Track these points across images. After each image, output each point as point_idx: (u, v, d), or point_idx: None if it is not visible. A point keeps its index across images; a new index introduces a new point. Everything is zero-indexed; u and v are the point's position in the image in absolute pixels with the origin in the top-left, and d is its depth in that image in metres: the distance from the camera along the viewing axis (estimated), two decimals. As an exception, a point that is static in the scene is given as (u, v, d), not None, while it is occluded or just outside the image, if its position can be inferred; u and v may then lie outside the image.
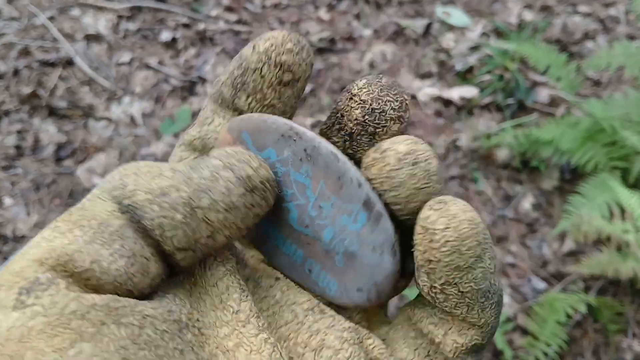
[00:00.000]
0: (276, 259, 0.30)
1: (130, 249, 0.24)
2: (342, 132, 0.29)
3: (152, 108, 1.64)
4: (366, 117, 0.28)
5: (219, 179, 0.26)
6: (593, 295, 1.23)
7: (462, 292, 0.26)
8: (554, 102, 1.60)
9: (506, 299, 1.27)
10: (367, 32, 1.81)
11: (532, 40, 1.67)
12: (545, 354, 1.15)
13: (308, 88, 1.68)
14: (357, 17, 1.85)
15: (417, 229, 0.26)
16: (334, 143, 0.29)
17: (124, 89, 1.68)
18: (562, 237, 1.34)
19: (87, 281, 0.23)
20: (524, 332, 1.22)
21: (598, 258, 1.18)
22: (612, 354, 1.19)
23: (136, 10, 1.86)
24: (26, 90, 1.63)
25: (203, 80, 1.70)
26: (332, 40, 1.79)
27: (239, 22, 1.84)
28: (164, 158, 1.51)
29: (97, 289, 0.23)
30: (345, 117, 0.29)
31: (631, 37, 1.73)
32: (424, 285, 0.27)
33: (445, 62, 1.73)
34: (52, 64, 1.72)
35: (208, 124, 0.31)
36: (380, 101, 0.28)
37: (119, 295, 0.24)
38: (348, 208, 0.28)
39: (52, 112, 1.62)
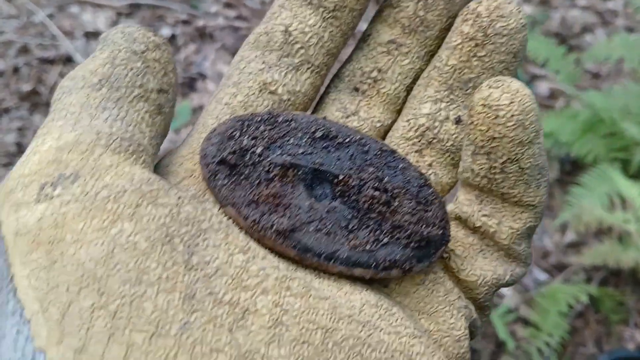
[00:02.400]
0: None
1: (118, 115, 0.25)
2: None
3: (152, 104, 1.64)
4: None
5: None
6: (595, 286, 1.24)
7: (523, 168, 0.26)
8: (553, 94, 1.61)
9: (508, 290, 1.27)
10: (365, 27, 1.81)
11: (530, 34, 1.67)
12: (548, 345, 1.15)
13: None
14: (356, 12, 1.86)
15: (477, 108, 0.26)
16: (402, 9, 0.32)
17: (124, 85, 1.68)
18: (563, 228, 1.34)
19: (108, 147, 0.23)
20: (526, 323, 1.22)
21: (599, 248, 1.18)
22: (614, 344, 1.19)
23: (135, 7, 1.86)
24: (26, 87, 1.63)
25: (203, 76, 1.70)
26: (331, 36, 1.79)
27: (238, 18, 1.84)
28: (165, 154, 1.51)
29: (122, 152, 0.24)
30: None
31: (630, 30, 1.74)
32: (482, 168, 0.27)
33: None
34: (52, 61, 1.72)
35: (275, 18, 0.31)
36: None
37: (136, 152, 0.24)
38: None
39: (53, 109, 1.62)
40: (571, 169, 1.43)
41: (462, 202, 0.29)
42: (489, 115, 0.26)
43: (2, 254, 0.22)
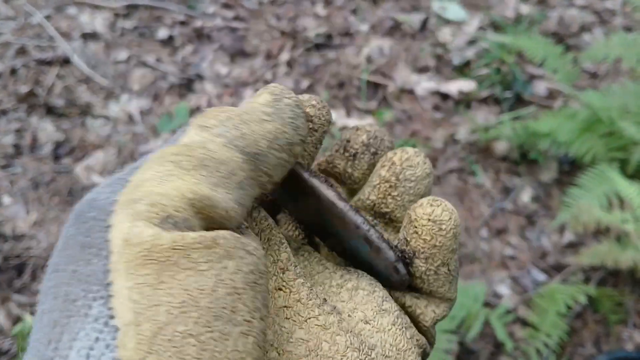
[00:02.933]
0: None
1: (244, 200, 0.26)
2: (347, 153, 0.36)
3: (149, 105, 1.64)
4: (370, 140, 0.36)
5: (298, 116, 0.30)
6: (593, 286, 1.24)
7: (450, 270, 0.33)
8: (551, 94, 1.60)
9: (506, 290, 1.27)
10: (364, 27, 1.81)
11: (528, 33, 1.67)
12: (546, 345, 1.15)
13: (306, 84, 1.68)
14: (354, 12, 1.85)
15: (422, 222, 0.32)
16: (336, 166, 0.36)
17: (121, 86, 1.67)
18: (561, 228, 1.34)
19: (211, 222, 0.24)
20: (525, 323, 1.22)
21: (597, 249, 1.18)
22: (613, 345, 1.19)
23: (132, 8, 1.86)
24: (24, 89, 1.63)
25: (201, 77, 1.70)
26: (329, 36, 1.79)
27: (235, 18, 1.84)
28: (163, 155, 1.51)
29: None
30: (351, 142, 0.36)
31: (628, 29, 1.73)
32: (419, 269, 0.32)
33: (443, 56, 1.73)
34: (49, 63, 1.72)
35: None
36: (380, 132, 0.36)
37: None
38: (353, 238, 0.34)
39: (50, 111, 1.61)
40: (570, 169, 1.43)
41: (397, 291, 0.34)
42: (433, 228, 0.32)
43: (102, 258, 0.22)
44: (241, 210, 0.26)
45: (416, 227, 0.32)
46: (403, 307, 0.34)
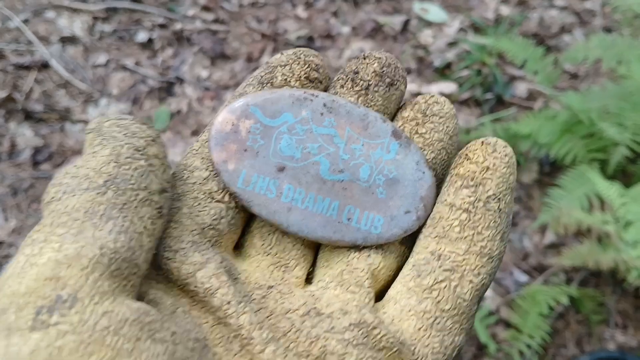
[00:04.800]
0: (306, 225, 0.31)
1: (122, 225, 0.24)
2: (357, 87, 0.32)
3: (129, 109, 1.62)
4: (384, 68, 0.32)
5: (128, 125, 0.28)
6: (575, 287, 1.24)
7: (501, 209, 0.30)
8: (531, 95, 1.61)
9: (489, 292, 1.27)
10: (346, 30, 1.81)
11: (509, 35, 1.67)
12: (529, 346, 1.15)
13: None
14: (335, 14, 1.85)
15: (476, 145, 0.31)
16: (354, 102, 0.32)
17: (100, 91, 1.66)
18: (542, 229, 1.34)
19: (108, 269, 0.22)
20: (507, 325, 1.22)
21: (579, 249, 1.18)
22: (595, 345, 1.20)
23: (112, 11, 1.84)
24: (1, 94, 1.61)
25: (181, 80, 1.68)
26: (310, 38, 1.78)
27: (216, 21, 1.83)
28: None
29: (117, 275, 0.23)
30: (360, 73, 0.32)
31: (608, 30, 1.75)
32: (465, 201, 0.30)
33: (424, 58, 1.73)
34: (27, 67, 1.69)
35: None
36: (392, 59, 0.32)
37: (130, 275, 0.24)
38: (378, 142, 0.31)
39: (28, 116, 1.59)
40: (550, 170, 1.44)
41: (419, 261, 0.30)
42: (487, 150, 0.29)
43: None
44: (134, 242, 0.24)
45: (467, 153, 0.30)
46: (431, 286, 0.29)
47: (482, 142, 0.30)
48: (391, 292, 0.30)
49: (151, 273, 0.28)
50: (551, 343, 1.20)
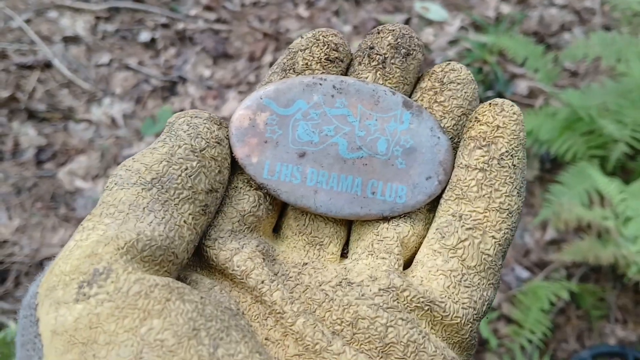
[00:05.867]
0: (334, 204, 0.32)
1: (163, 218, 0.26)
2: (374, 62, 0.33)
3: (132, 109, 1.63)
4: (399, 40, 0.32)
5: (198, 125, 0.30)
6: (575, 282, 1.25)
7: (515, 165, 0.31)
8: (532, 93, 1.62)
9: (490, 288, 1.28)
10: (347, 28, 1.82)
11: (509, 33, 1.68)
12: (530, 342, 1.16)
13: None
14: (336, 13, 1.86)
15: (485, 107, 0.31)
16: (362, 80, 0.33)
17: (103, 90, 1.66)
18: (543, 226, 1.35)
19: (141, 254, 0.24)
20: (509, 320, 1.23)
21: (579, 245, 1.19)
22: (596, 339, 1.20)
23: (114, 11, 1.85)
24: (4, 93, 1.62)
25: (183, 79, 1.69)
26: (311, 37, 1.79)
27: (218, 21, 1.84)
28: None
29: (150, 260, 0.25)
30: (375, 48, 0.33)
31: (607, 28, 1.75)
32: (479, 160, 0.31)
33: (425, 57, 1.73)
34: (30, 67, 1.70)
35: None
36: (406, 30, 0.33)
37: (164, 262, 0.26)
38: (391, 115, 0.32)
39: (32, 115, 1.60)
40: (551, 167, 1.45)
41: (442, 224, 0.31)
42: (495, 110, 0.30)
43: (38, 351, 0.22)
44: (173, 232, 0.26)
45: (477, 115, 0.31)
46: (454, 246, 0.30)
47: (490, 104, 0.31)
48: (418, 256, 0.32)
49: (196, 260, 0.30)
50: (552, 338, 1.21)
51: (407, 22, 1.82)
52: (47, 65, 1.71)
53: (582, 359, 1.14)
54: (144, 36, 1.79)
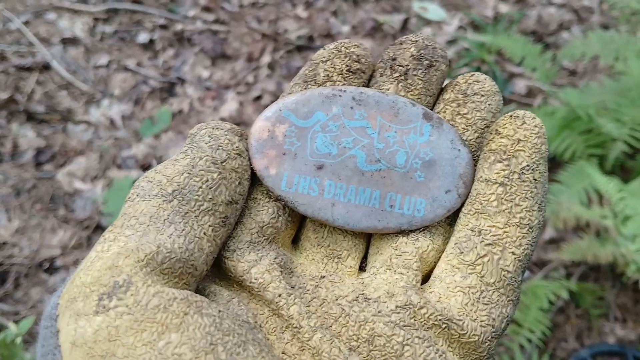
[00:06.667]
0: (351, 217, 0.32)
1: (183, 230, 0.26)
2: (396, 73, 0.32)
3: (131, 110, 1.63)
4: (421, 51, 0.32)
5: (219, 136, 0.30)
6: (574, 281, 1.25)
7: (536, 179, 0.30)
8: (531, 92, 1.62)
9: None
10: (345, 29, 1.82)
11: (508, 32, 1.68)
12: (529, 341, 1.16)
13: (287, 86, 1.68)
14: (335, 13, 1.86)
15: (505, 119, 0.30)
16: (383, 91, 0.33)
17: (102, 91, 1.67)
18: (542, 225, 1.35)
19: (160, 266, 0.25)
20: (516, 308, 1.23)
21: (578, 244, 1.19)
22: (595, 338, 1.20)
23: (112, 12, 1.85)
24: (3, 95, 1.62)
25: (182, 80, 1.69)
26: (310, 38, 1.79)
27: (216, 21, 1.84)
28: (145, 160, 1.51)
29: (169, 273, 0.25)
30: (398, 59, 0.32)
31: (605, 27, 1.75)
32: (499, 174, 0.30)
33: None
34: (29, 69, 1.70)
35: None
36: (429, 40, 0.33)
37: (184, 274, 0.26)
38: (410, 127, 0.32)
39: (30, 117, 1.60)
40: (550, 166, 1.44)
41: (461, 239, 0.31)
42: (516, 123, 0.30)
43: None
44: (193, 244, 0.26)
45: (498, 128, 0.30)
46: (474, 262, 0.30)
47: (511, 116, 0.30)
48: (436, 271, 0.31)
49: (215, 271, 0.31)
50: (552, 337, 1.21)
51: (405, 22, 1.83)
52: (46, 67, 1.71)
53: (582, 358, 1.14)
54: (143, 37, 1.79)
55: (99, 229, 1.42)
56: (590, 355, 1.14)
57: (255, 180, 0.32)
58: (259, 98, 1.63)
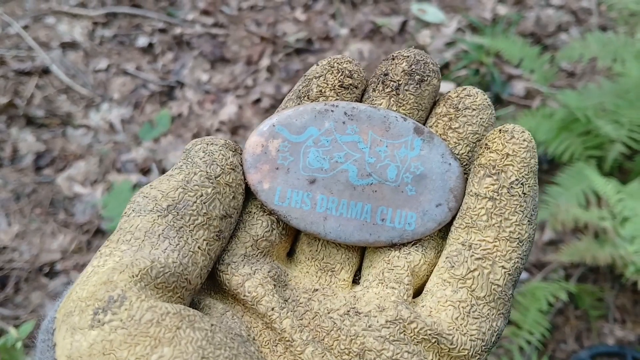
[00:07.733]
0: (343, 230, 0.32)
1: (177, 245, 0.27)
2: (388, 89, 0.33)
3: (130, 114, 1.63)
4: (413, 66, 0.32)
5: (213, 151, 0.31)
6: (573, 283, 1.25)
7: (525, 194, 0.30)
8: (529, 94, 1.62)
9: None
10: (344, 31, 1.82)
11: (506, 34, 1.69)
12: (529, 342, 1.16)
13: (287, 89, 1.69)
14: (333, 16, 1.86)
15: (494, 134, 0.30)
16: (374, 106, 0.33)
17: (101, 95, 1.67)
18: (541, 226, 1.35)
19: (154, 281, 0.25)
20: (507, 321, 1.23)
21: (577, 246, 1.19)
22: (594, 340, 1.21)
23: (111, 16, 1.86)
24: (2, 100, 1.62)
25: (181, 84, 1.70)
26: (309, 41, 1.80)
27: (215, 25, 1.84)
28: (145, 164, 1.51)
29: (163, 287, 0.26)
30: (390, 75, 0.33)
31: (603, 28, 1.76)
32: (489, 189, 0.30)
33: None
34: (28, 73, 1.71)
35: None
36: (421, 55, 0.33)
37: (178, 288, 0.26)
38: (402, 141, 0.32)
39: (30, 121, 1.61)
40: (548, 168, 1.45)
41: (452, 253, 0.31)
42: (505, 137, 0.30)
43: None
44: (187, 259, 0.27)
45: (487, 142, 0.31)
46: (464, 276, 0.30)
47: (500, 130, 0.31)
48: (428, 284, 0.32)
49: (210, 284, 0.31)
50: (551, 339, 1.21)
51: (403, 24, 1.83)
52: (45, 71, 1.71)
53: (581, 359, 1.15)
54: (142, 41, 1.79)
55: (99, 232, 1.42)
56: (589, 357, 1.14)
57: (250, 194, 0.33)
58: (258, 101, 1.63)
